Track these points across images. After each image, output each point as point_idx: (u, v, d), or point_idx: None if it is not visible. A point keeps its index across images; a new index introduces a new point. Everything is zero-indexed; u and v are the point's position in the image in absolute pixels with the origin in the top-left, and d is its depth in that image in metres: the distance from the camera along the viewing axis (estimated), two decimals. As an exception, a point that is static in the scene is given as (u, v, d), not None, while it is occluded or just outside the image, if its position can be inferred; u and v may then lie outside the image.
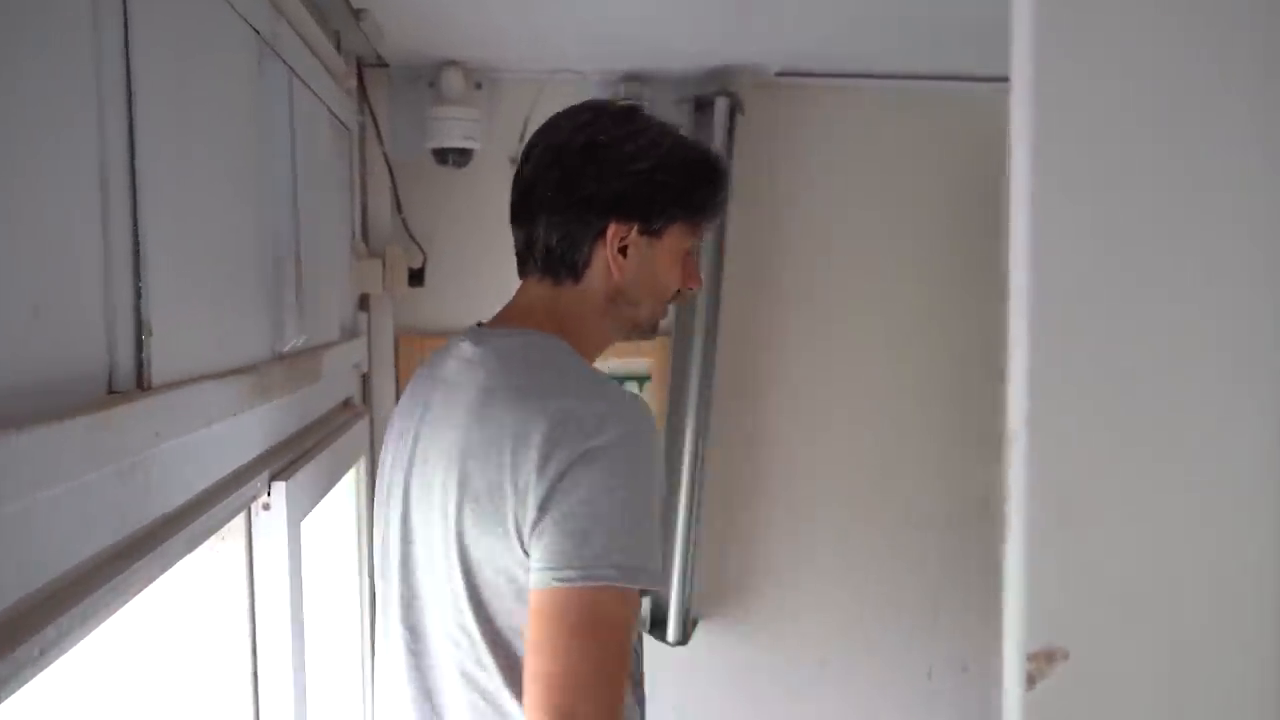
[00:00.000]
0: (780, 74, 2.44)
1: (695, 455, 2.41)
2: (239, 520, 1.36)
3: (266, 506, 1.40)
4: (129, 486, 0.92)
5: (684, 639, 2.43)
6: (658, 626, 2.44)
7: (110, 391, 0.88)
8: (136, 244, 0.92)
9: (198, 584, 1.35)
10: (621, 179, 1.17)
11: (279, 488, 1.40)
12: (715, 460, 2.49)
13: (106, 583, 0.86)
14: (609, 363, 2.39)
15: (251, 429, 1.36)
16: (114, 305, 0.88)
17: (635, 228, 1.19)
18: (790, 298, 2.57)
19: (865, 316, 2.60)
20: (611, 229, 1.19)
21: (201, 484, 1.17)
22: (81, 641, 0.85)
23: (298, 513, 1.47)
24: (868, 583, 2.63)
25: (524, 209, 1.23)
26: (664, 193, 1.18)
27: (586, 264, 1.20)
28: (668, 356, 2.47)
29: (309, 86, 1.64)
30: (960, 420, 2.64)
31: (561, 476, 1.04)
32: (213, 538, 1.32)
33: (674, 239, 1.21)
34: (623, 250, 1.19)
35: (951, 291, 2.61)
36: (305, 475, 1.53)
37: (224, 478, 1.26)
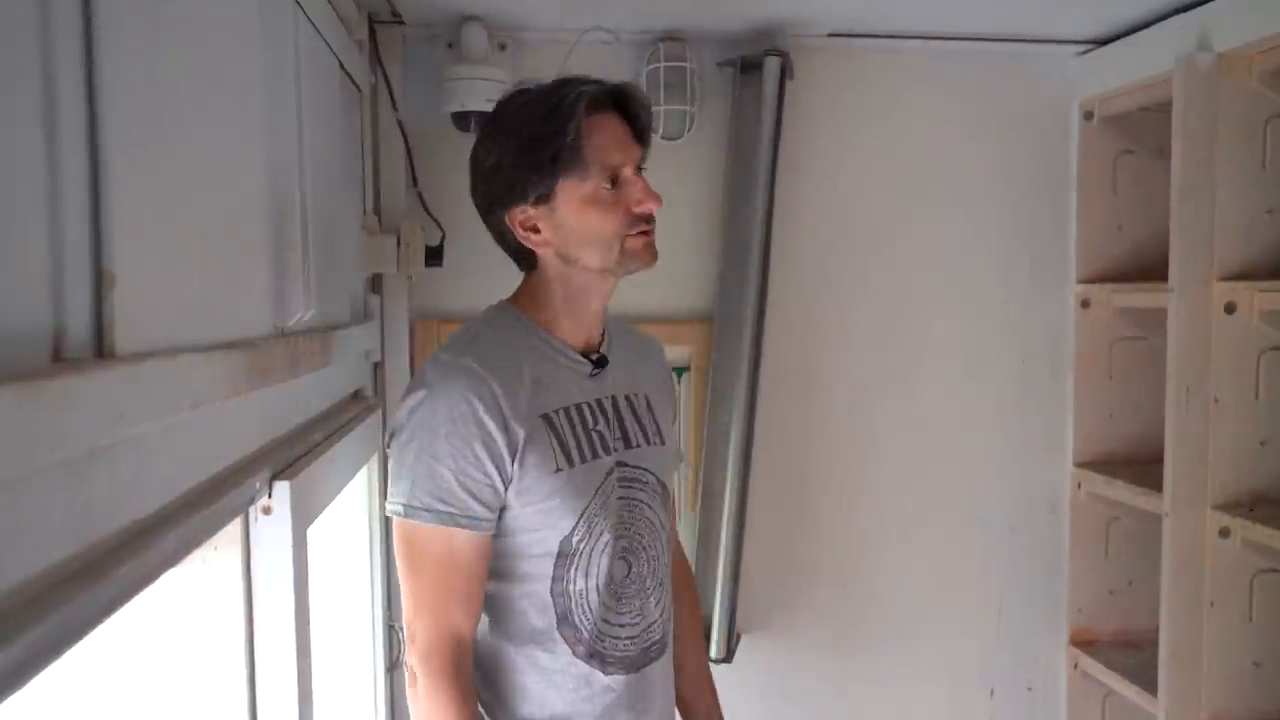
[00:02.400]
0: (833, 34, 2.22)
1: (741, 453, 2.19)
2: (234, 526, 1.15)
3: (267, 510, 1.19)
4: (85, 484, 0.71)
5: (728, 656, 2.21)
6: (698, 642, 2.21)
7: (57, 359, 0.67)
8: (95, 168, 0.70)
9: (185, 603, 1.14)
10: (485, 182, 1.27)
11: (282, 488, 1.19)
12: (761, 459, 2.27)
13: (51, 614, 0.64)
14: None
15: (248, 417, 1.14)
16: (62, 245, 0.67)
17: (525, 208, 1.24)
18: (844, 281, 2.34)
19: (925, 302, 2.37)
20: (507, 221, 1.26)
21: (187, 482, 0.96)
22: (21, 688, 0.64)
23: (303, 518, 1.26)
24: (927, 592, 2.41)
25: None
26: (517, 172, 1.23)
27: (527, 250, 1.28)
28: (710, 345, 2.25)
29: (315, 26, 1.42)
30: (1026, 417, 2.42)
31: (393, 424, 1.24)
32: (202, 547, 1.12)
33: (569, 191, 1.23)
34: (535, 228, 1.25)
35: (1018, 276, 2.40)
36: (312, 474, 1.32)
37: (216, 475, 1.05)
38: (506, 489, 1.21)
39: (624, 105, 1.26)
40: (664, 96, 2.13)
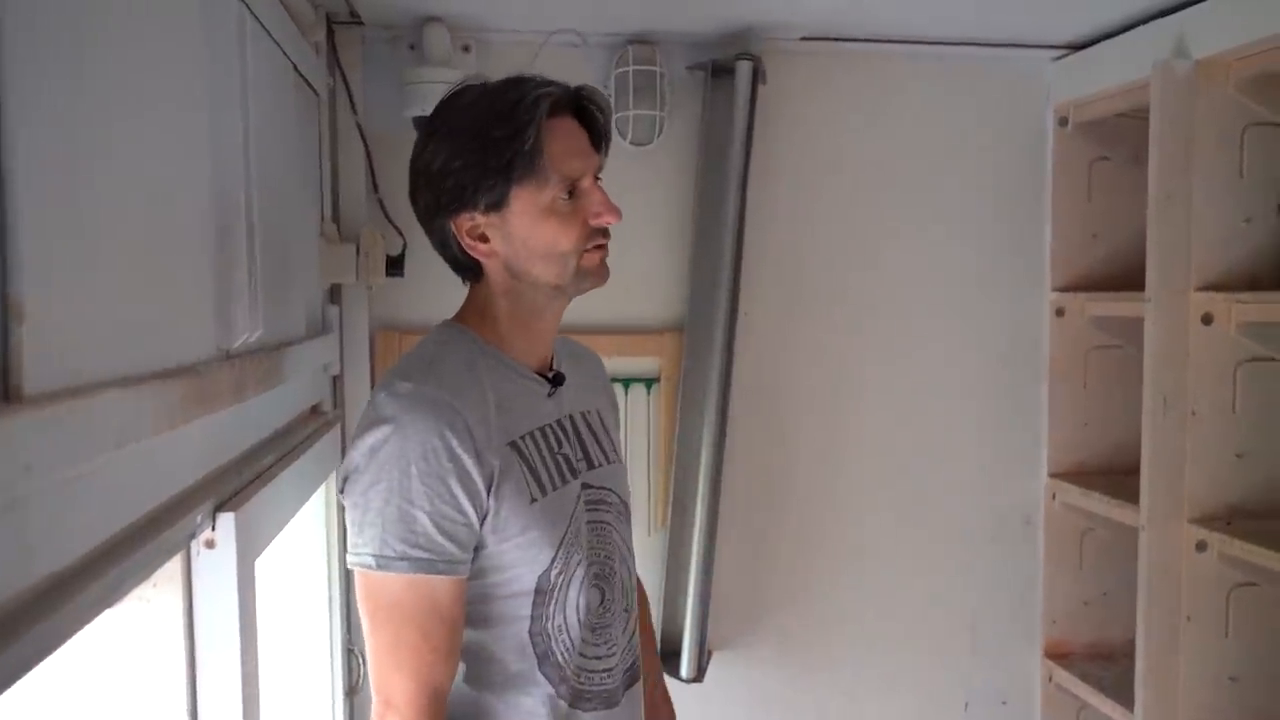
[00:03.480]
0: (806, 38, 2.17)
1: (712, 467, 2.13)
2: (174, 563, 1.07)
3: (210, 544, 1.12)
4: (-11, 541, 0.64)
5: (699, 675, 2.15)
6: (669, 660, 2.16)
7: (-49, 406, 0.60)
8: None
9: (122, 645, 1.06)
10: (430, 186, 1.17)
11: (226, 520, 1.12)
12: (733, 472, 2.22)
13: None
14: (609, 362, 2.11)
15: (188, 448, 1.07)
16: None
17: (473, 215, 1.16)
18: (817, 290, 2.29)
19: (900, 311, 2.33)
20: (453, 227, 1.18)
21: (116, 524, 0.89)
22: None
23: (250, 550, 1.19)
24: (900, 606, 2.37)
25: None
26: (467, 176, 1.14)
27: (471, 260, 1.20)
28: (680, 356, 2.19)
29: (265, 27, 1.35)
30: (1002, 427, 2.38)
31: (349, 466, 1.13)
32: (141, 586, 1.05)
33: (524, 200, 1.15)
34: (482, 237, 1.17)
35: (993, 284, 2.36)
36: (261, 502, 1.25)
37: (150, 512, 0.97)
38: (482, 526, 1.13)
39: (583, 109, 1.19)
40: (633, 101, 2.08)
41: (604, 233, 1.19)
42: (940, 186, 2.32)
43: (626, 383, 2.20)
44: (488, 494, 1.12)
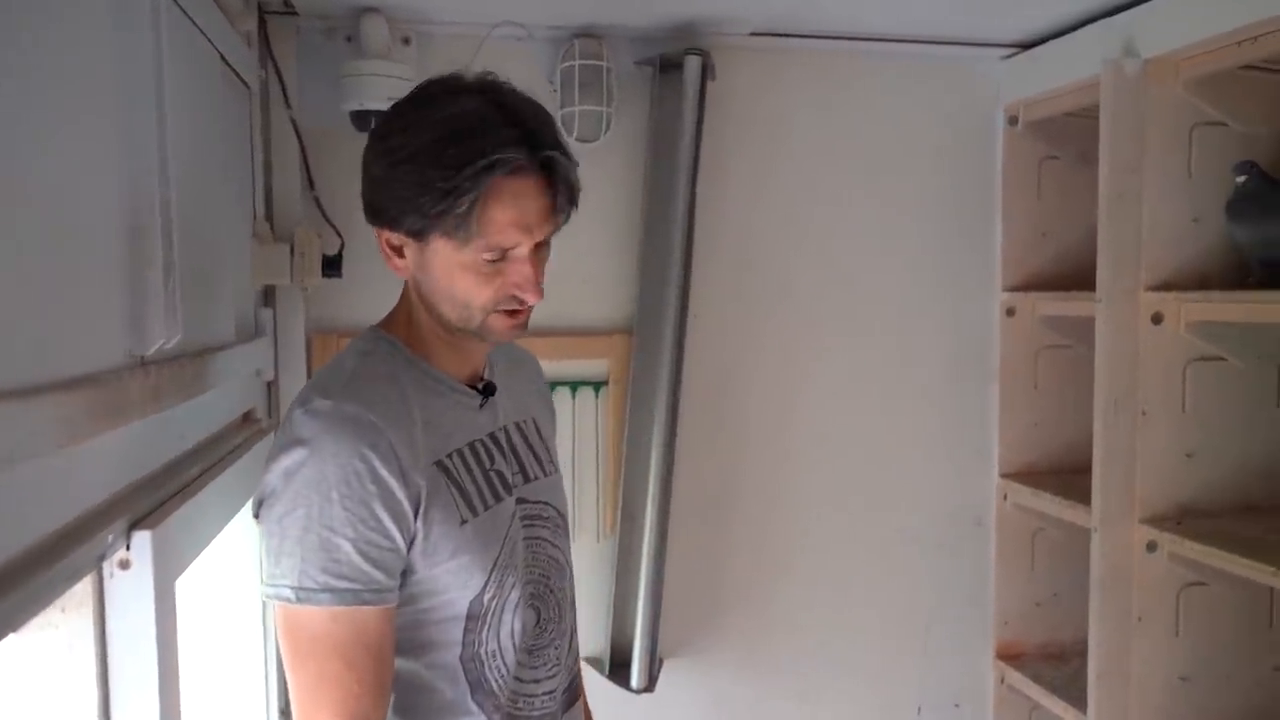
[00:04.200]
0: (755, 33, 2.13)
1: (662, 471, 2.09)
2: (85, 585, 1.00)
3: (124, 564, 1.04)
4: None
5: (650, 685, 2.10)
6: (619, 671, 2.11)
7: None
8: None
9: (26, 675, 0.99)
10: (366, 184, 1.11)
11: (141, 539, 1.04)
12: (683, 476, 2.18)
13: None
14: (556, 365, 2.07)
15: (100, 462, 1.00)
16: None
17: (398, 230, 1.08)
18: (768, 290, 2.26)
19: (852, 311, 2.30)
20: (376, 231, 1.11)
21: (13, 547, 0.81)
22: None
23: (170, 569, 1.12)
24: (853, 609, 2.34)
25: None
26: (398, 197, 1.05)
27: (394, 265, 1.13)
28: (629, 358, 2.14)
29: (185, 13, 1.27)
30: (954, 428, 2.37)
31: (264, 489, 1.05)
32: (48, 611, 0.97)
33: (445, 248, 1.06)
34: (400, 252, 1.11)
35: (945, 284, 2.34)
36: (182, 518, 1.17)
37: (55, 532, 0.90)
38: (410, 550, 1.06)
39: (548, 172, 1.06)
40: (579, 96, 2.02)
41: (523, 300, 1.10)
42: (891, 186, 2.30)
43: (574, 386, 2.15)
44: (415, 517, 1.05)
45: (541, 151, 1.03)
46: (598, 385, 2.16)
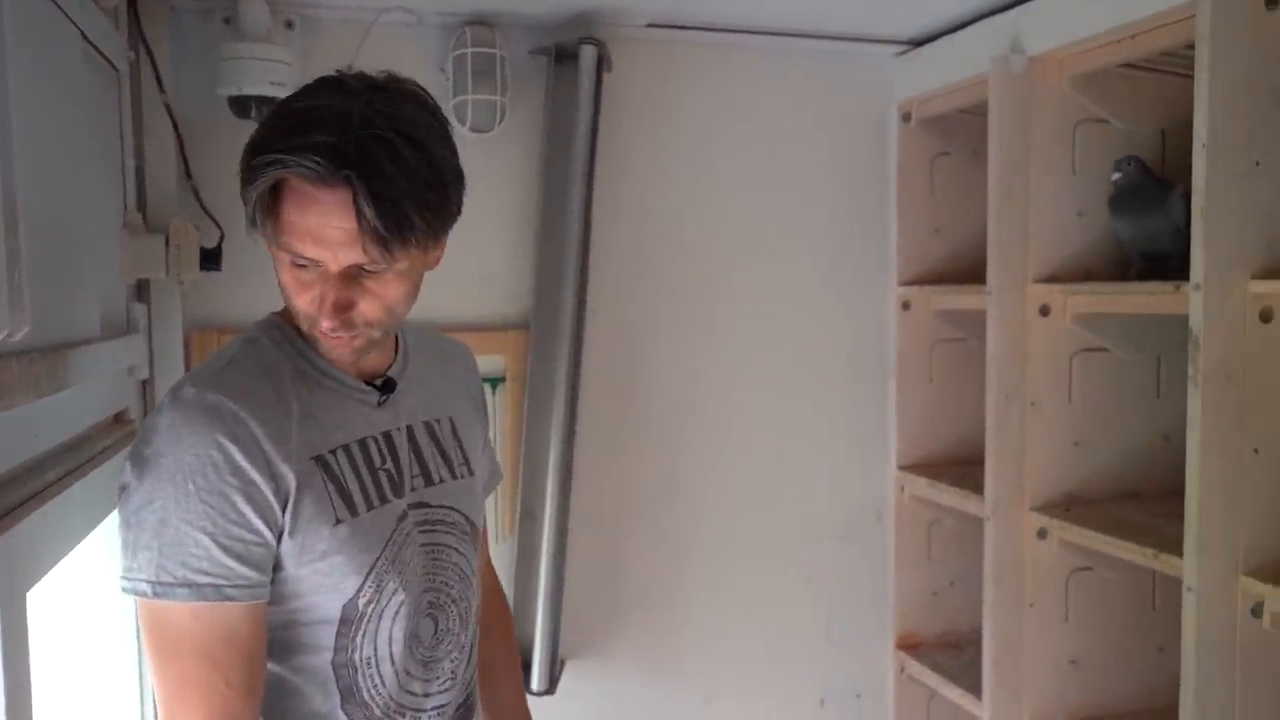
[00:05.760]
0: (651, 25, 2.11)
1: (561, 470, 2.05)
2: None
3: (-36, 576, 0.95)
4: None
5: (551, 687, 2.06)
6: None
7: None
8: None
9: None
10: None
11: (-17, 548, 0.96)
12: (583, 474, 2.14)
13: None
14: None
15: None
16: None
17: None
18: (666, 285, 2.24)
19: (749, 306, 2.30)
20: None
21: None
22: None
23: (20, 580, 1.03)
24: (755, 605, 2.34)
25: None
26: (242, 185, 0.97)
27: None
28: (525, 354, 2.10)
29: (36, -17, 1.18)
30: (853, 423, 2.39)
31: (122, 479, 1.01)
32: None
33: (266, 244, 1.01)
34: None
35: (842, 279, 2.36)
36: (38, 524, 1.08)
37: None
38: (279, 544, 1.00)
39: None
40: (472, 85, 1.97)
41: (345, 323, 1.01)
42: (788, 181, 2.30)
43: (470, 383, 2.09)
44: (283, 511, 1.00)
45: (343, 170, 0.91)
46: (494, 382, 2.11)
